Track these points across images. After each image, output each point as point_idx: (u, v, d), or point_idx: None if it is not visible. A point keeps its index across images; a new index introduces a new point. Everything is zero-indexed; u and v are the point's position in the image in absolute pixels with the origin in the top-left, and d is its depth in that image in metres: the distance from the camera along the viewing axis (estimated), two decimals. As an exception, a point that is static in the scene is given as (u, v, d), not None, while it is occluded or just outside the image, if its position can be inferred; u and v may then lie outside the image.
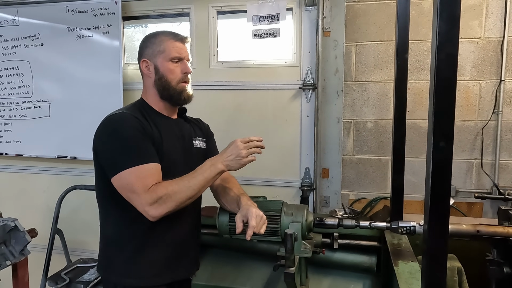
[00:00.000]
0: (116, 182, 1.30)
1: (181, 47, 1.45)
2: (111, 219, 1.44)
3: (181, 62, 1.46)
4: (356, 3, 2.53)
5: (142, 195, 1.26)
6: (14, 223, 2.02)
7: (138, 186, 1.26)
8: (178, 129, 1.51)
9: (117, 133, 1.33)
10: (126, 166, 1.27)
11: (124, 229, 1.41)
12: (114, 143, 1.33)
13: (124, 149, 1.31)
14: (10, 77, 3.02)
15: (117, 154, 1.31)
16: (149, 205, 1.26)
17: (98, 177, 1.42)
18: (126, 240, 1.41)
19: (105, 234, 1.48)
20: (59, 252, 2.56)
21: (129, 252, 1.40)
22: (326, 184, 2.68)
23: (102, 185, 1.41)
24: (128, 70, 2.91)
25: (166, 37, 1.45)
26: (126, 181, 1.28)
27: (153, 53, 1.44)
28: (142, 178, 1.27)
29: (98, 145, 1.38)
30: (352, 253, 1.86)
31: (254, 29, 2.54)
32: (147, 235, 1.39)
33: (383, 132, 2.58)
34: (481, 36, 2.39)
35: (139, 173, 1.27)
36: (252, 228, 1.28)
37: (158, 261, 1.42)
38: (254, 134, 2.90)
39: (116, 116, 1.37)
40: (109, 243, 1.46)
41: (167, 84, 1.44)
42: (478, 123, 2.44)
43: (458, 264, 1.76)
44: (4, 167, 3.19)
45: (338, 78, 2.58)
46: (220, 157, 1.35)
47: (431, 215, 0.95)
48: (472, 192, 2.44)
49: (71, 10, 2.82)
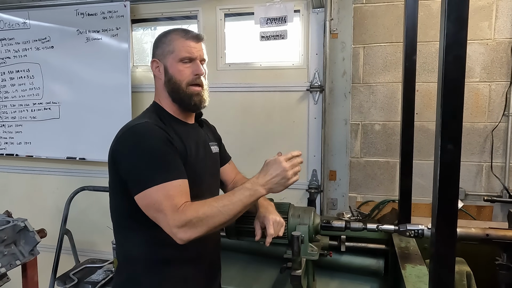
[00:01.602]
0: (141, 200, 1.17)
1: (192, 46, 1.32)
2: (135, 239, 1.30)
3: (192, 63, 1.33)
4: (364, 4, 2.52)
5: (170, 216, 1.13)
6: (24, 223, 2.04)
7: (166, 205, 1.13)
8: (196, 135, 1.41)
9: (142, 146, 1.20)
10: (153, 183, 1.14)
11: (152, 248, 1.28)
12: (138, 157, 1.19)
13: (150, 164, 1.18)
14: (21, 79, 3.06)
15: (142, 170, 1.18)
16: (177, 228, 1.12)
17: (116, 192, 1.28)
18: (155, 259, 1.28)
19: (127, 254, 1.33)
20: (68, 252, 2.59)
21: (160, 271, 1.29)
22: (333, 186, 2.67)
23: (121, 203, 1.28)
24: (137, 72, 2.93)
25: (176, 35, 1.32)
26: (153, 200, 1.14)
27: (163, 53, 1.33)
28: (170, 197, 1.14)
29: (119, 157, 1.23)
30: (360, 256, 1.85)
31: (262, 31, 2.55)
32: (178, 252, 1.26)
33: (391, 134, 2.56)
34: (491, 37, 2.36)
35: (167, 191, 1.14)
36: (270, 236, 1.27)
37: (189, 277, 1.33)
38: (262, 136, 2.90)
39: (140, 126, 1.24)
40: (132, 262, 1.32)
41: (177, 86, 1.32)
42: (488, 125, 2.41)
43: (467, 268, 1.73)
44: (15, 168, 3.23)
45: (346, 80, 2.58)
46: (261, 180, 1.18)
47: (439, 218, 0.94)
48: (482, 195, 2.41)
49: (81, 13, 2.85)
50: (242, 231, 1.57)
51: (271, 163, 1.21)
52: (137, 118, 1.34)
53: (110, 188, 1.30)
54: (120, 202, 1.28)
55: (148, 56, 3.15)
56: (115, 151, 1.24)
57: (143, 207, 1.18)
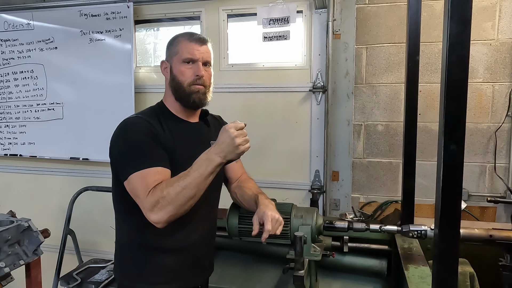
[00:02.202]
0: (126, 186, 1.29)
1: (196, 48, 1.40)
2: (124, 223, 1.44)
3: (194, 64, 1.40)
4: (367, 5, 2.52)
5: (143, 199, 1.22)
6: (27, 223, 2.05)
7: (141, 190, 1.23)
8: (196, 133, 1.47)
9: (127, 137, 1.32)
10: (134, 169, 1.25)
11: (136, 234, 1.39)
12: (124, 147, 1.32)
13: (132, 153, 1.29)
14: (25, 80, 3.08)
15: (127, 158, 1.30)
16: (149, 210, 1.20)
17: (113, 181, 1.42)
18: (138, 245, 1.40)
19: (118, 238, 1.47)
20: (71, 252, 2.60)
21: (141, 257, 1.40)
22: (336, 187, 2.67)
23: (116, 190, 1.41)
24: (140, 73, 2.94)
25: (182, 38, 1.42)
26: (132, 185, 1.26)
27: (170, 54, 1.44)
28: (144, 182, 1.22)
29: (112, 148, 1.37)
30: (362, 257, 1.84)
31: (264, 32, 2.55)
32: (159, 240, 1.37)
33: (394, 134, 2.56)
34: (494, 38, 2.36)
35: (143, 177, 1.23)
36: (267, 232, 1.28)
37: (169, 267, 1.40)
38: (265, 137, 2.90)
39: (129, 120, 1.37)
40: (122, 247, 1.46)
41: (179, 86, 1.40)
42: (491, 126, 2.41)
43: (470, 269, 1.73)
44: (19, 168, 3.25)
45: (349, 81, 2.57)
46: (215, 149, 1.23)
47: (442, 219, 0.94)
48: (485, 196, 2.40)
49: (84, 14, 2.86)
50: (244, 231, 1.57)
51: (221, 132, 1.25)
52: (132, 114, 1.44)
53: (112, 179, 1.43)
54: (115, 189, 1.41)
55: (150, 57, 3.16)
56: (110, 144, 1.37)
57: (129, 192, 1.28)
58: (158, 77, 2.89)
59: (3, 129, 3.18)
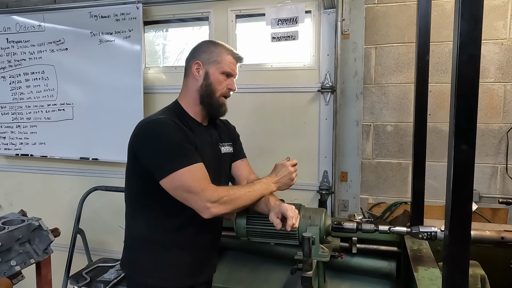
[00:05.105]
0: (168, 184, 1.33)
1: (235, 65, 1.55)
2: (141, 219, 1.47)
3: (229, 79, 1.53)
4: (376, 5, 2.50)
5: (201, 194, 1.31)
6: (38, 222, 2.07)
7: (195, 186, 1.31)
8: (207, 136, 1.55)
9: (163, 137, 1.36)
10: (179, 166, 1.31)
11: (153, 230, 1.45)
12: (161, 146, 1.36)
13: (173, 151, 1.35)
14: (36, 80, 3.11)
15: (166, 156, 1.34)
16: (211, 203, 1.31)
17: (134, 178, 1.46)
18: (154, 241, 1.45)
19: (132, 233, 1.51)
20: (81, 251, 2.62)
21: (156, 252, 1.44)
22: (344, 187, 2.66)
23: (137, 186, 1.46)
24: (149, 74, 2.96)
25: (226, 50, 1.52)
26: (181, 182, 1.32)
27: (208, 60, 1.49)
28: (196, 178, 1.33)
29: (139, 148, 1.40)
30: (371, 258, 1.83)
31: (273, 32, 2.54)
32: (175, 237, 1.45)
33: (404, 135, 2.53)
34: (506, 37, 2.32)
35: (192, 173, 1.33)
36: (291, 219, 1.30)
37: (183, 264, 1.47)
38: (273, 137, 2.91)
39: (160, 120, 1.40)
40: (136, 242, 1.50)
41: (212, 93, 1.49)
42: (502, 126, 2.37)
43: (482, 272, 1.71)
44: (30, 168, 3.29)
45: (357, 81, 2.56)
46: (273, 178, 1.50)
47: (453, 220, 0.92)
48: (497, 198, 2.37)
49: (94, 15, 2.89)
50: (252, 232, 1.58)
51: (280, 166, 1.53)
52: (154, 114, 1.47)
53: (126, 173, 1.49)
54: (132, 185, 1.47)
55: (159, 58, 3.17)
56: (134, 143, 1.41)
57: (170, 189, 1.34)
58: (167, 78, 2.91)
59: (15, 129, 3.22)
